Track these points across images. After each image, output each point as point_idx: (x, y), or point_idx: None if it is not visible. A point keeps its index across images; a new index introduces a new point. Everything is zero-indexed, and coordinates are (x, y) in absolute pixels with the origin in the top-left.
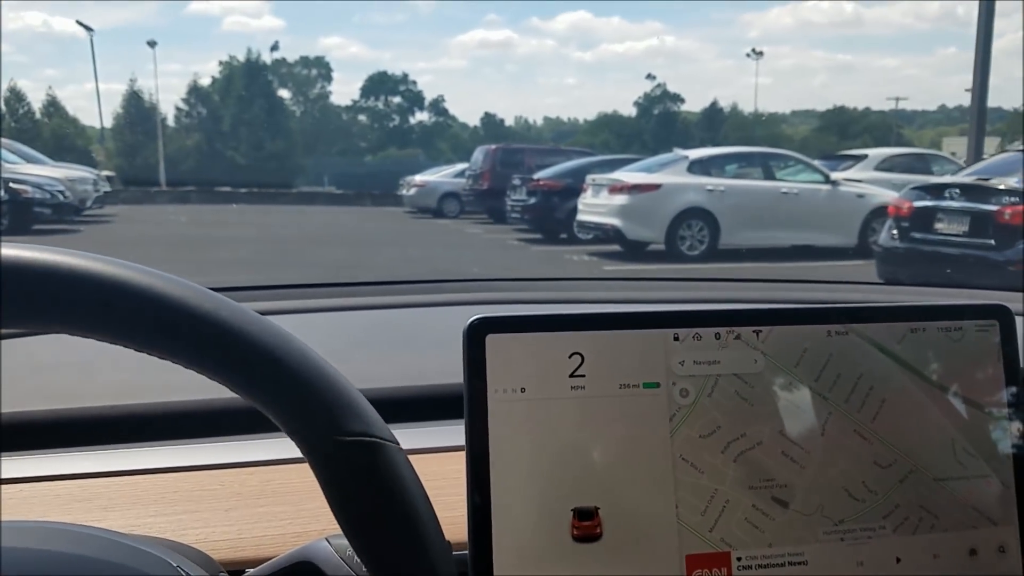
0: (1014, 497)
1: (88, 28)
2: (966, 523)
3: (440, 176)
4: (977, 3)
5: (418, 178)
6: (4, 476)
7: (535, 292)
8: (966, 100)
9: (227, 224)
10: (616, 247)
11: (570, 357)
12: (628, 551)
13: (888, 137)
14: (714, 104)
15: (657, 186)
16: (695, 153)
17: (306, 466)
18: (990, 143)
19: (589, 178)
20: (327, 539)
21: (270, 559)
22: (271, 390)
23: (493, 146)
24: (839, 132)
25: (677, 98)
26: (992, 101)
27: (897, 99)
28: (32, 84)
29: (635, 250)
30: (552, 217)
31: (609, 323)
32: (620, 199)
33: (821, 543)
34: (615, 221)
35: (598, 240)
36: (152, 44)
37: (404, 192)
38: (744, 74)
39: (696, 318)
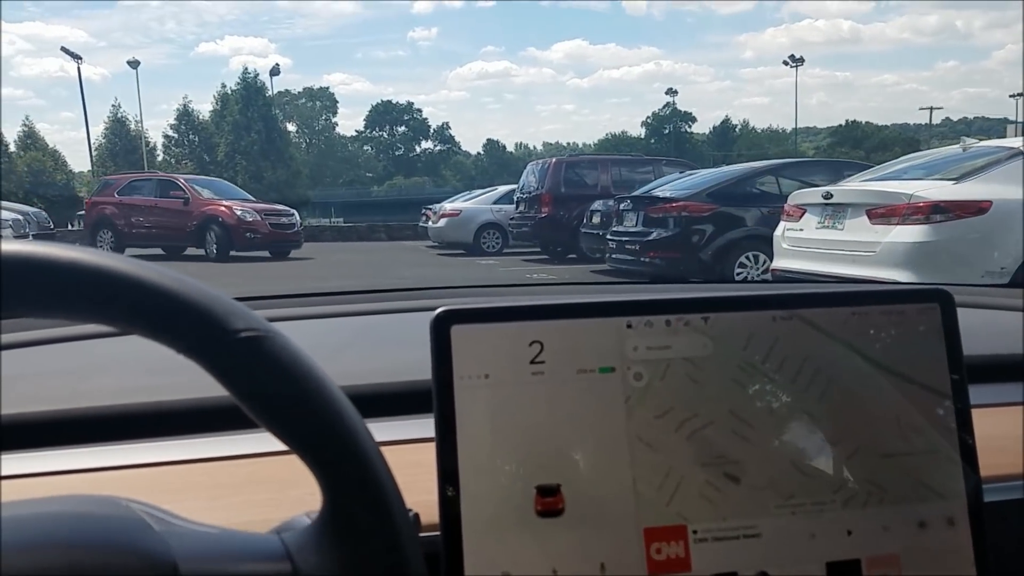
0: (960, 471)
1: (76, 56)
2: (915, 497)
3: (476, 202)
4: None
5: (448, 206)
6: (6, 473)
7: (506, 299)
8: (970, 112)
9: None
10: None
11: (530, 345)
12: (589, 525)
13: (919, 148)
14: (725, 121)
15: (984, 206)
16: None
17: (290, 457)
18: None
19: (804, 194)
20: (307, 514)
21: None
22: (155, 317)
23: (553, 159)
24: (854, 147)
25: (688, 116)
26: (994, 112)
27: (931, 109)
28: (49, 127)
29: None
30: (696, 258)
31: (566, 312)
32: (906, 233)
33: (773, 516)
34: (894, 273)
35: None
36: (134, 64)
37: (429, 224)
38: (741, 94)
39: (648, 306)
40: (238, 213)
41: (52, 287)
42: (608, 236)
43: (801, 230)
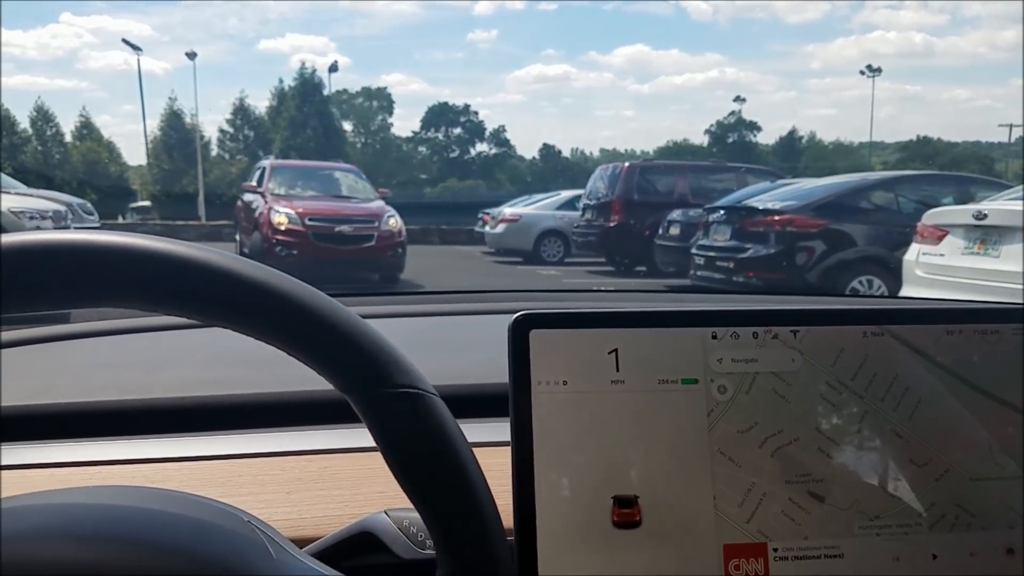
0: None
1: (136, 48)
2: (1004, 522)
3: (537, 208)
4: None
5: (508, 211)
6: (87, 459)
7: (579, 302)
8: None
9: None
10: None
11: (610, 352)
12: (667, 538)
13: (995, 168)
14: (792, 132)
15: None
16: None
17: (363, 454)
18: None
19: (945, 213)
20: (386, 511)
21: None
22: (326, 353)
23: (626, 164)
24: (924, 163)
25: (753, 126)
26: None
27: (1011, 126)
28: (111, 119)
29: None
30: (801, 280)
31: (648, 321)
32: None
33: (857, 537)
34: None
35: None
36: (191, 56)
37: (487, 228)
38: (807, 106)
39: (734, 317)
40: (272, 219)
41: (236, 302)
42: (693, 250)
43: (942, 255)
